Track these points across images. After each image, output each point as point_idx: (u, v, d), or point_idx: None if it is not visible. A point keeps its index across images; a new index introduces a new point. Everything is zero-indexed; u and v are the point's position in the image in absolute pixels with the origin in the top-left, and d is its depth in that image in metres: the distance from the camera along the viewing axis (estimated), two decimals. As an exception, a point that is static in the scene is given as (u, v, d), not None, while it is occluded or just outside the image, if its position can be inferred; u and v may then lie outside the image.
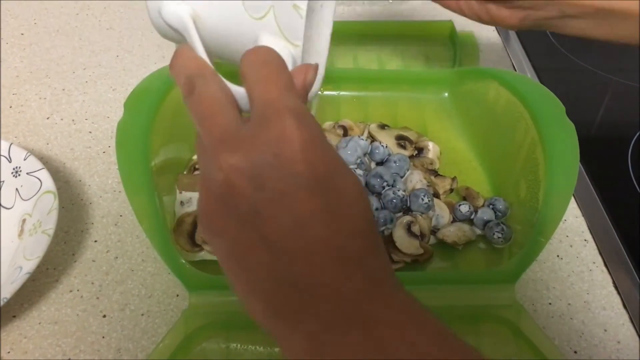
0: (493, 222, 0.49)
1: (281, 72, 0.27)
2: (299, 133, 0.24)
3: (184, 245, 0.47)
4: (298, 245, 0.24)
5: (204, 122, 0.26)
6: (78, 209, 0.52)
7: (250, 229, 0.25)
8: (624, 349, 0.43)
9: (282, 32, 0.32)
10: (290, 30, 0.31)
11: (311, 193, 0.24)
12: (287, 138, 0.24)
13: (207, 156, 0.26)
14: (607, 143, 0.59)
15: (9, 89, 0.65)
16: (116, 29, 0.75)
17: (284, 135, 0.24)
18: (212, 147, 0.26)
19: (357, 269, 0.25)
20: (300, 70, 0.29)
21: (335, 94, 0.60)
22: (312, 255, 0.24)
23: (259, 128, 0.25)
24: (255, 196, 0.24)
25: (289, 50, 0.32)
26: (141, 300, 0.45)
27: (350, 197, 0.25)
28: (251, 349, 0.41)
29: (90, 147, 0.58)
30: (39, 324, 0.44)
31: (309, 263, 0.24)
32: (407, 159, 0.53)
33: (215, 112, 0.26)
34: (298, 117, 0.25)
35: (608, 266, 0.49)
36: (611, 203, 0.52)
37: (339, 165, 0.26)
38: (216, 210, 0.26)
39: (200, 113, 0.27)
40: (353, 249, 0.25)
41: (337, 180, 0.25)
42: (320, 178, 0.24)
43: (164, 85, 0.48)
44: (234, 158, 0.25)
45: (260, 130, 0.25)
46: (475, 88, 0.57)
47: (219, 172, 0.25)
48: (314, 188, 0.24)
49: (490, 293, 0.42)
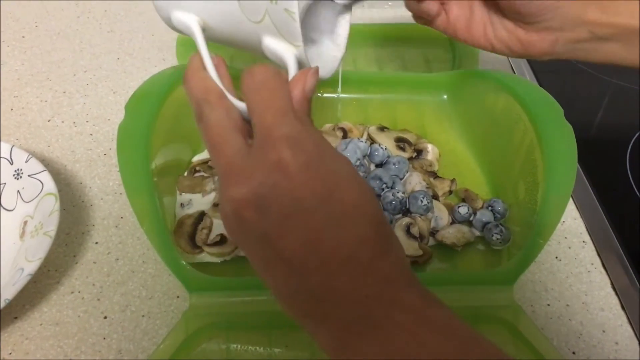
0: (492, 224, 0.49)
1: (277, 94, 0.29)
2: (294, 160, 0.26)
3: (184, 247, 0.47)
4: (309, 260, 0.26)
5: (213, 150, 0.29)
6: (79, 210, 0.52)
7: (264, 248, 0.27)
8: (622, 350, 0.44)
9: (281, 34, 0.32)
10: (288, 32, 0.32)
11: (313, 213, 0.26)
12: (282, 167, 0.26)
13: (219, 184, 0.29)
14: (605, 145, 0.59)
15: (10, 92, 0.65)
16: (117, 31, 0.75)
17: (280, 164, 0.26)
18: (220, 179, 0.28)
19: (369, 275, 0.26)
20: (298, 79, 0.30)
21: (335, 97, 0.60)
22: (324, 267, 0.26)
23: (258, 158, 0.27)
24: (263, 222, 0.26)
25: (291, 52, 0.33)
26: (142, 302, 0.46)
27: (353, 207, 0.27)
28: (251, 350, 0.42)
29: (91, 149, 0.58)
30: (40, 325, 0.44)
31: (322, 275, 0.26)
32: (407, 161, 0.54)
33: (221, 141, 0.29)
34: (292, 144, 0.26)
35: (606, 267, 0.49)
36: (609, 205, 0.52)
37: (339, 179, 0.27)
38: (235, 231, 0.28)
39: (209, 140, 0.29)
40: (363, 256, 0.26)
41: (338, 194, 0.27)
42: (320, 197, 0.26)
43: (165, 88, 0.48)
44: (238, 192, 0.27)
45: (259, 160, 0.27)
46: (474, 90, 0.58)
47: (229, 203, 0.27)
48: (315, 208, 0.26)
49: (489, 294, 0.42)
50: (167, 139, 0.50)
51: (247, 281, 0.43)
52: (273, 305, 0.40)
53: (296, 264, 0.26)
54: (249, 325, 0.43)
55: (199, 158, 0.55)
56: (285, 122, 0.27)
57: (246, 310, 0.41)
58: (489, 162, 0.56)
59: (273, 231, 0.26)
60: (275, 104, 0.28)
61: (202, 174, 0.53)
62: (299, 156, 0.26)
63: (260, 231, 0.26)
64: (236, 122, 0.30)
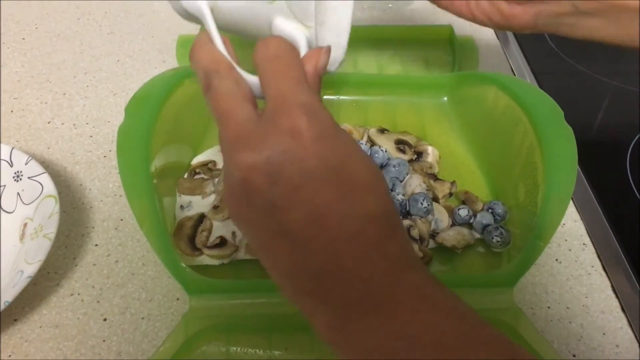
0: (492, 226, 0.49)
1: (292, 65, 0.28)
2: (308, 128, 0.25)
3: (184, 249, 0.47)
4: (316, 235, 0.25)
5: (221, 118, 0.28)
6: (79, 213, 0.52)
7: (270, 220, 0.26)
8: (622, 353, 0.43)
9: (294, 14, 0.32)
10: (301, 12, 0.32)
11: (324, 185, 0.25)
12: (296, 134, 0.25)
13: (226, 152, 0.27)
14: (605, 147, 0.59)
15: (10, 94, 0.65)
16: (117, 33, 0.75)
17: (294, 131, 0.25)
18: (228, 145, 0.27)
19: (375, 253, 0.26)
20: (311, 56, 0.30)
21: (335, 99, 0.60)
22: (331, 244, 0.25)
23: (271, 124, 0.26)
24: (271, 191, 0.25)
25: (302, 32, 0.33)
26: (142, 304, 0.46)
27: (364, 183, 0.26)
28: (251, 353, 0.41)
29: (91, 151, 0.58)
30: (40, 328, 0.44)
31: (329, 251, 0.25)
32: (407, 163, 0.54)
33: (230, 109, 0.27)
34: (307, 112, 0.26)
35: (606, 270, 0.49)
36: (610, 207, 0.52)
37: (351, 153, 0.26)
38: (239, 202, 0.27)
39: (217, 110, 0.28)
40: (370, 233, 0.26)
41: (350, 168, 0.26)
42: (332, 169, 0.25)
43: (165, 90, 0.48)
44: (249, 157, 0.25)
45: (272, 126, 0.26)
46: (474, 92, 0.58)
47: (236, 170, 0.26)
48: (326, 180, 0.25)
49: (489, 297, 0.42)
50: (167, 141, 0.50)
51: (247, 284, 0.43)
52: (273, 308, 0.41)
53: (302, 239, 0.25)
54: (249, 328, 0.43)
55: (199, 160, 0.55)
56: (302, 90, 0.27)
57: (246, 312, 0.41)
58: (489, 164, 0.56)
59: (281, 202, 0.25)
60: (290, 73, 0.27)
61: (202, 176, 0.53)
62: (314, 125, 0.25)
63: (268, 200, 0.25)
64: (246, 93, 0.28)
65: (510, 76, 0.66)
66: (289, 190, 0.25)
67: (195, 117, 0.54)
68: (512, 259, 0.44)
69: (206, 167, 0.54)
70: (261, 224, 0.26)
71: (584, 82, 0.69)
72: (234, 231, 0.48)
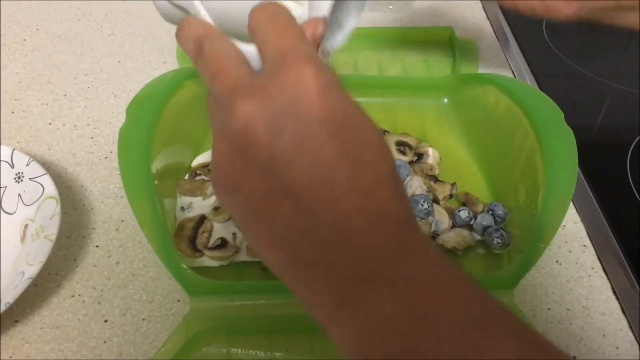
0: (492, 228, 0.49)
1: (292, 23, 0.27)
2: (316, 78, 0.24)
3: (184, 251, 0.47)
4: (321, 193, 0.23)
5: (216, 77, 0.26)
6: (80, 214, 0.52)
7: (271, 179, 0.24)
8: (622, 354, 0.43)
9: None
10: None
11: (330, 137, 0.23)
12: (303, 83, 0.23)
13: (220, 109, 0.25)
14: (606, 149, 0.59)
15: (11, 95, 0.65)
16: (118, 34, 0.75)
17: (301, 81, 0.23)
18: (225, 97, 0.25)
19: (386, 218, 0.24)
20: (309, 24, 0.28)
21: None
22: (338, 205, 0.23)
23: (274, 76, 0.24)
24: (274, 143, 0.23)
25: (296, 10, 0.32)
26: (142, 305, 0.46)
27: (370, 141, 0.24)
28: (252, 354, 0.42)
29: (92, 152, 0.58)
30: (41, 329, 0.44)
31: (335, 214, 0.23)
32: (407, 164, 0.54)
33: (226, 66, 0.26)
34: (313, 64, 0.24)
35: (607, 271, 0.49)
36: (610, 209, 0.52)
37: (356, 110, 0.25)
38: (233, 162, 0.25)
39: (211, 69, 0.26)
40: (379, 195, 0.24)
41: (356, 125, 0.24)
42: (339, 123, 0.24)
43: (166, 91, 0.48)
44: (249, 104, 0.24)
45: (275, 78, 0.24)
46: (474, 94, 0.58)
47: (235, 121, 0.24)
48: (332, 132, 0.23)
49: (490, 298, 0.42)
50: (168, 142, 0.50)
51: (248, 285, 0.43)
52: (274, 310, 0.41)
53: (307, 200, 0.23)
54: (250, 329, 0.43)
55: (200, 161, 0.55)
56: (305, 44, 0.25)
57: (247, 314, 0.41)
58: (490, 166, 0.56)
59: (284, 156, 0.23)
60: (291, 29, 0.26)
61: (202, 177, 0.53)
62: (320, 77, 0.24)
63: (269, 155, 0.23)
64: (241, 56, 0.26)
65: (510, 78, 0.66)
66: (293, 142, 0.23)
67: (196, 118, 0.54)
68: (513, 261, 0.44)
69: (207, 168, 0.54)
70: (259, 185, 0.24)
71: (584, 83, 0.69)
72: (235, 232, 0.48)
